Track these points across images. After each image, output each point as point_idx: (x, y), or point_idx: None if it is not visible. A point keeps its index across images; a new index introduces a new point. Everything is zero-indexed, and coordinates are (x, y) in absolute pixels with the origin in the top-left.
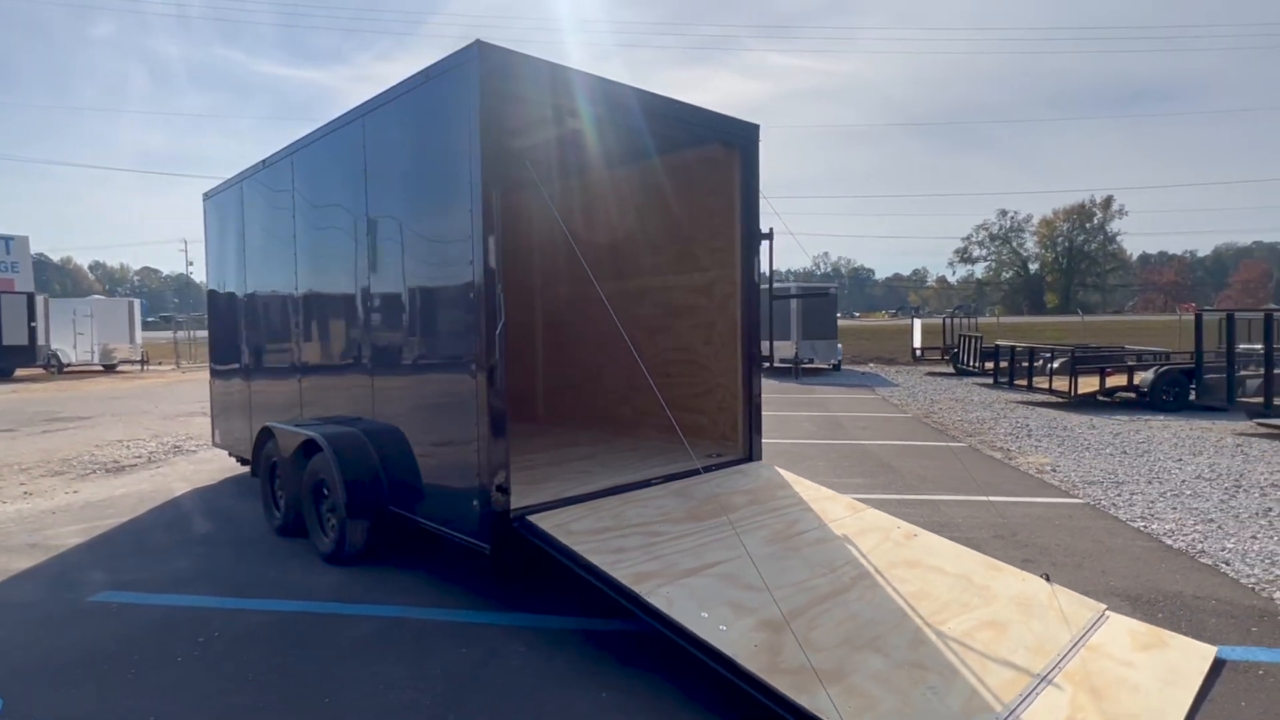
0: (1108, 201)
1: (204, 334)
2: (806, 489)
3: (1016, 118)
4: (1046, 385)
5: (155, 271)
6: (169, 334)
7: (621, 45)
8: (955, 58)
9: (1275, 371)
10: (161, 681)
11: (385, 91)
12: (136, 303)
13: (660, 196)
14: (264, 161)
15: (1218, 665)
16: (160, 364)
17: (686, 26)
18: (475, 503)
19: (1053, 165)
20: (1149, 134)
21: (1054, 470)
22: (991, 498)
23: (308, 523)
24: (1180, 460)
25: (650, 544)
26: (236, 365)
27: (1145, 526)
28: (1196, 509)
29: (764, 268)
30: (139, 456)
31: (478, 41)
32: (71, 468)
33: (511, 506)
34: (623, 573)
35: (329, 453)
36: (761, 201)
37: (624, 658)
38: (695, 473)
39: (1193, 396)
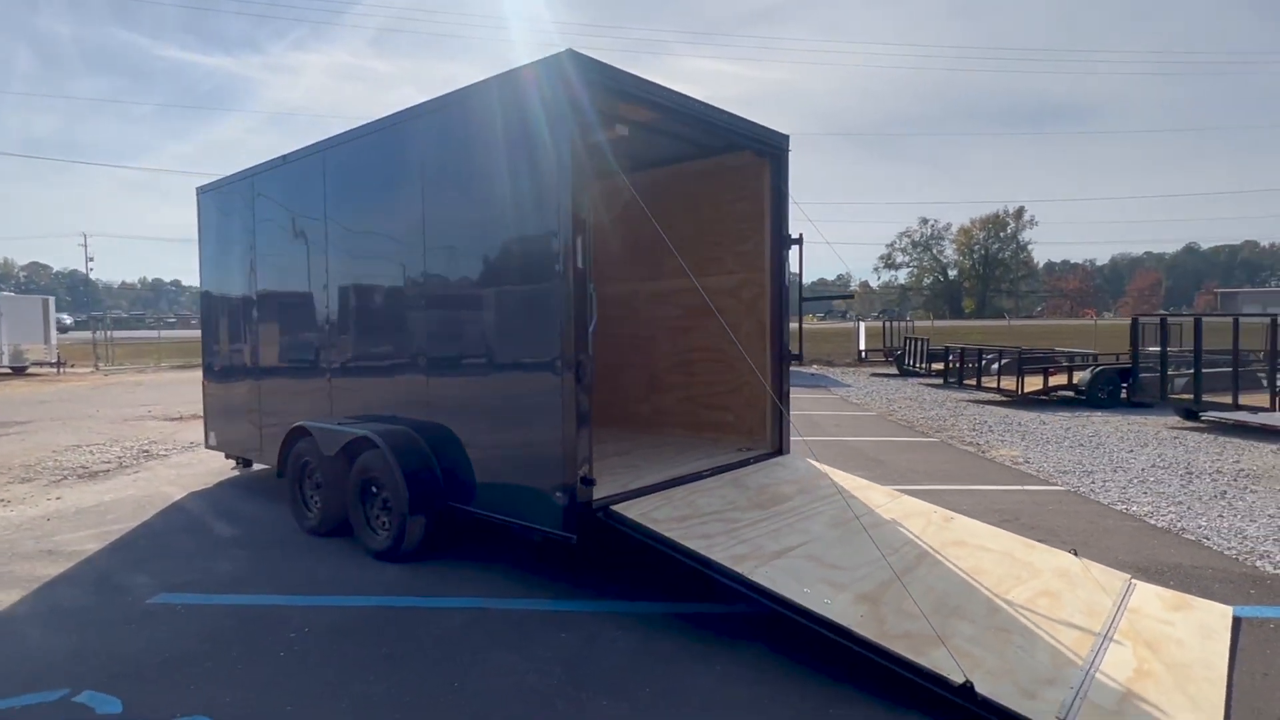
0: (1019, 212)
1: (123, 335)
2: (844, 479)
3: (937, 130)
4: (995, 384)
5: (45, 267)
6: (79, 334)
7: (550, 44)
8: (880, 70)
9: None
10: (277, 674)
11: (456, 91)
12: (50, 300)
13: (690, 200)
14: (284, 158)
15: (1236, 622)
16: (73, 366)
17: (618, 28)
18: (559, 495)
19: (971, 176)
20: (1056, 150)
21: (1027, 462)
22: (984, 486)
23: (353, 521)
24: (1132, 451)
25: (731, 530)
26: (242, 365)
27: (1126, 509)
28: (1163, 493)
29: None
30: (108, 462)
31: (570, 50)
32: (39, 474)
33: (594, 498)
34: (719, 556)
35: (387, 451)
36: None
37: (722, 636)
38: (741, 464)
39: (1124, 395)
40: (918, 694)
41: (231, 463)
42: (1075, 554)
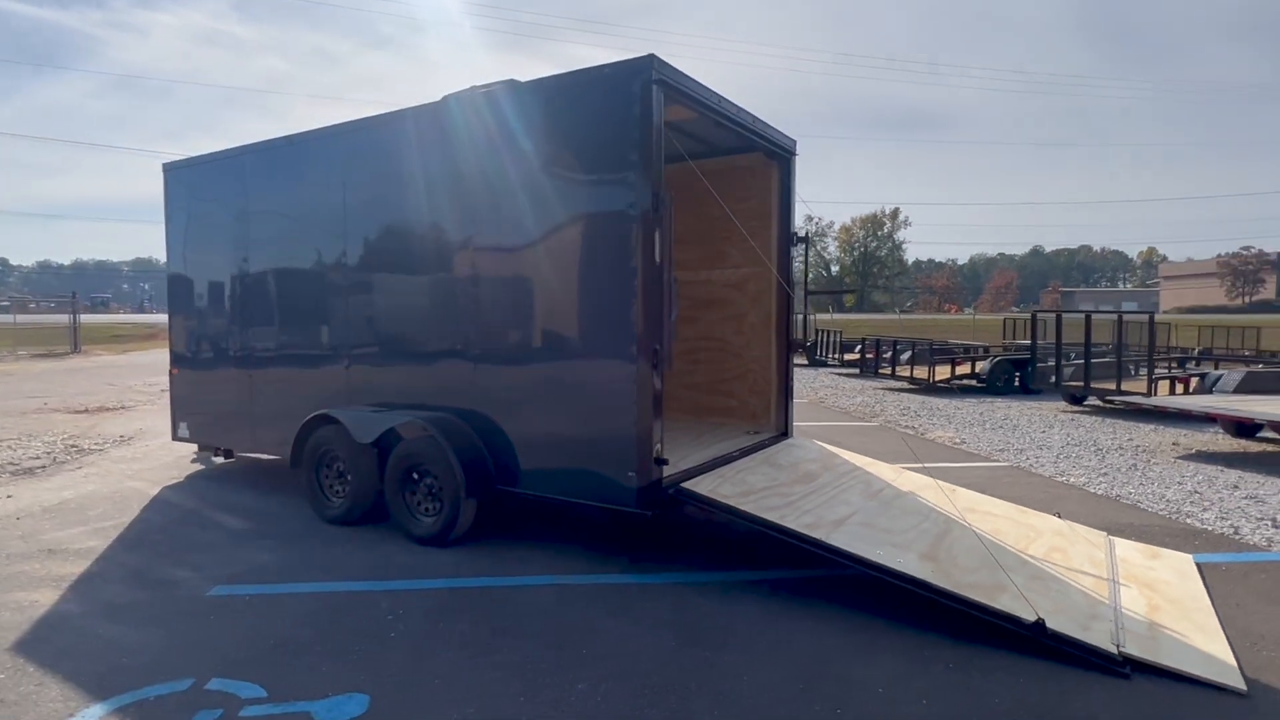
0: (895, 212)
1: None
2: (852, 457)
3: (818, 132)
4: (908, 374)
5: None
6: None
7: (438, 21)
8: (761, 70)
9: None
10: (403, 653)
11: (528, 82)
12: None
13: (699, 196)
14: (289, 139)
15: (1198, 567)
16: None
17: (506, 11)
18: (632, 475)
19: (849, 177)
20: (923, 155)
21: (964, 442)
22: (942, 464)
23: (392, 508)
24: (1044, 432)
25: (790, 503)
26: (230, 353)
27: (1067, 480)
28: (1089, 467)
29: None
30: (36, 458)
31: (653, 55)
32: None
33: (664, 476)
34: (795, 525)
35: (440, 436)
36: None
37: (795, 597)
38: (761, 446)
39: (1016, 383)
40: (993, 632)
41: (191, 455)
42: (1059, 516)
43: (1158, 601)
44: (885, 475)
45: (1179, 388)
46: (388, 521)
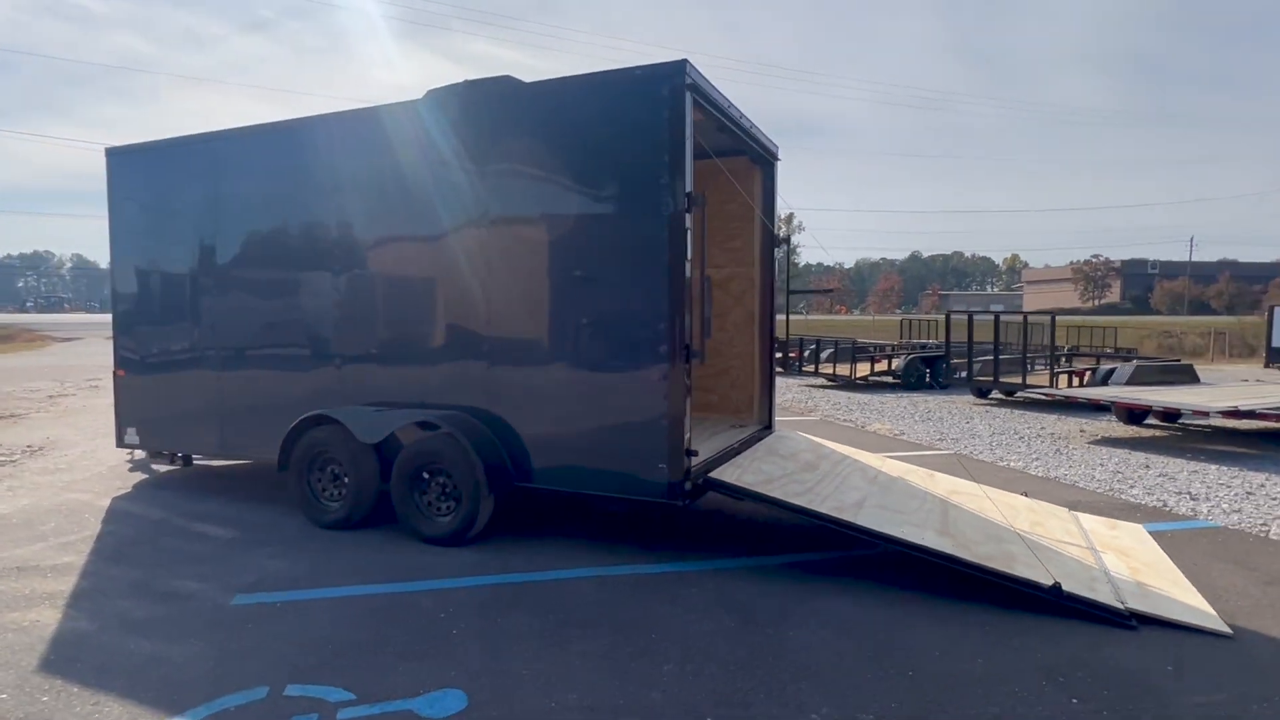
0: (790, 217)
1: None
2: (837, 446)
3: None
4: (831, 371)
5: None
6: None
7: (322, 6)
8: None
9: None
10: (474, 649)
11: (562, 79)
12: None
13: None
14: (274, 125)
15: (1149, 535)
16: None
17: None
18: (662, 465)
19: None
20: (808, 163)
21: (903, 434)
22: (894, 453)
23: (402, 509)
24: (968, 423)
25: (807, 489)
26: (193, 353)
27: (1008, 465)
28: (1020, 452)
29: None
30: None
31: (686, 60)
32: None
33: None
34: (824, 508)
35: (460, 435)
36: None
37: (825, 577)
38: (756, 439)
39: (927, 379)
40: (1011, 596)
41: (125, 463)
42: (1026, 495)
43: (1135, 565)
44: (873, 463)
45: (1075, 381)
46: (385, 524)
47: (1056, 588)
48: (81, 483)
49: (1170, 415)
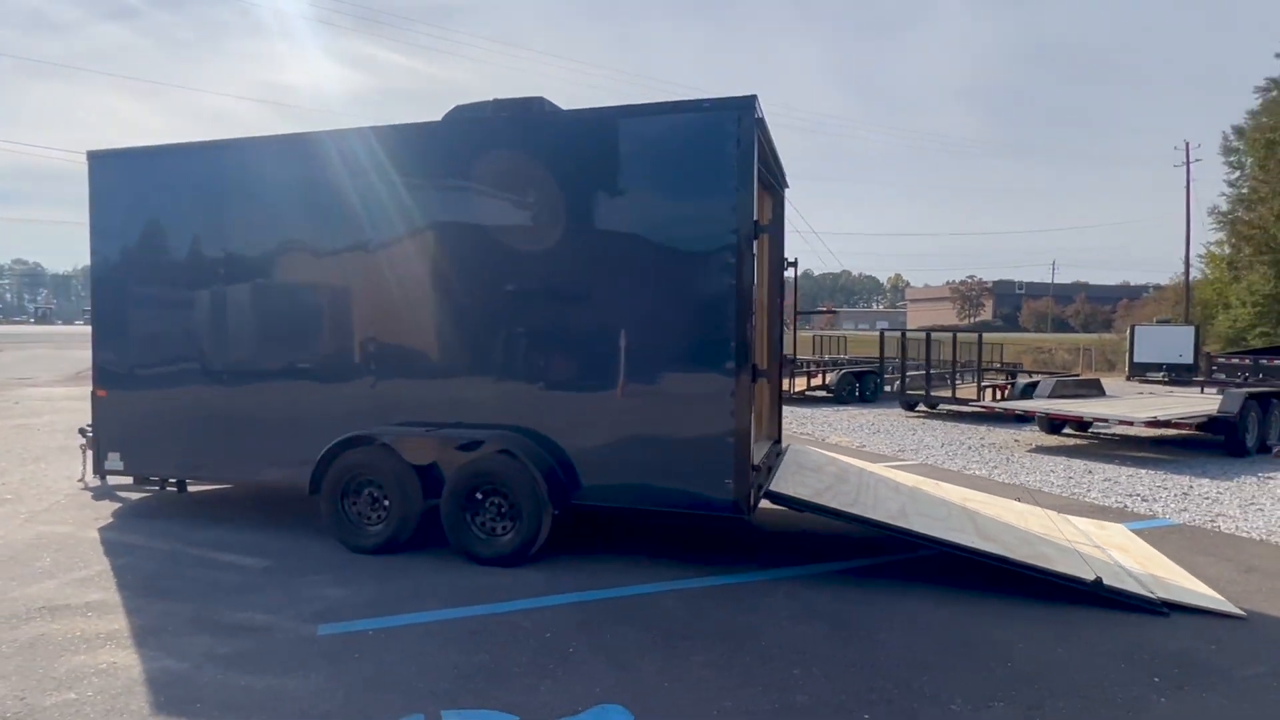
0: None
1: None
2: (848, 458)
3: None
4: None
5: None
6: None
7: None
8: (547, 83)
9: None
10: (605, 664)
11: (627, 106)
12: None
13: None
14: (304, 135)
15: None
16: None
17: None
18: (728, 481)
19: None
20: None
21: (864, 446)
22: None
23: (453, 530)
24: (913, 434)
25: (854, 500)
26: (195, 370)
27: (975, 473)
28: (977, 460)
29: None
30: None
31: (754, 95)
32: None
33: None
34: (880, 517)
35: (524, 454)
36: None
37: (880, 581)
38: (777, 453)
39: (857, 393)
40: (1051, 591)
41: (77, 489)
42: (1020, 500)
43: (1138, 558)
44: (887, 474)
45: (998, 394)
46: (425, 547)
47: (1098, 582)
48: (46, 513)
49: (1083, 424)
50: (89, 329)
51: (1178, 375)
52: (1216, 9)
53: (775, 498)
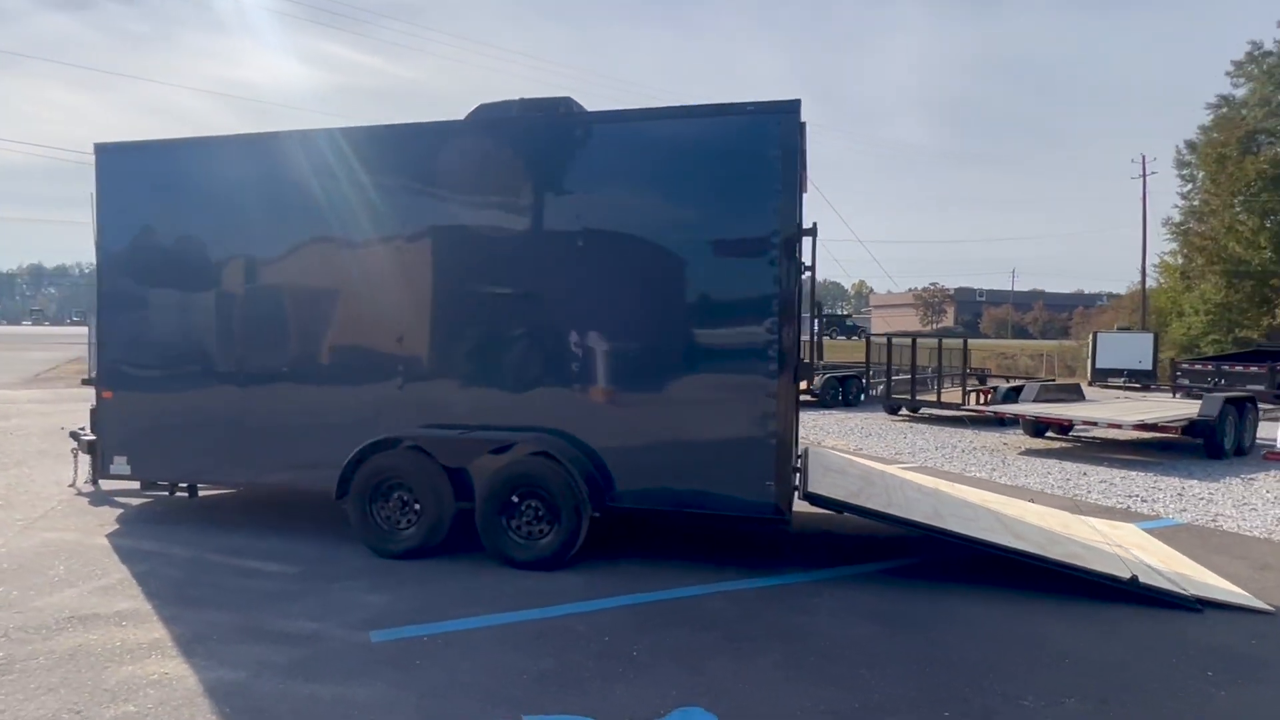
0: None
1: None
2: (863, 458)
3: None
4: None
5: None
6: None
7: None
8: (507, 82)
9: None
10: (677, 667)
11: (689, 106)
12: None
13: None
14: (328, 131)
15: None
16: None
17: None
18: (769, 483)
19: None
20: None
21: (861, 449)
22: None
23: (487, 533)
24: (905, 438)
25: (890, 503)
26: (213, 370)
27: (975, 474)
28: (974, 463)
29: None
30: None
31: (799, 99)
32: None
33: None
34: (918, 517)
35: (563, 458)
36: None
37: (919, 581)
38: (801, 457)
39: (840, 396)
40: (1087, 587)
41: (73, 494)
42: (1032, 500)
43: (1161, 557)
44: (906, 475)
45: (982, 398)
46: (454, 552)
47: (1134, 579)
48: (45, 520)
49: (1064, 428)
50: (66, 329)
51: (1138, 380)
52: (1171, 28)
53: (816, 500)
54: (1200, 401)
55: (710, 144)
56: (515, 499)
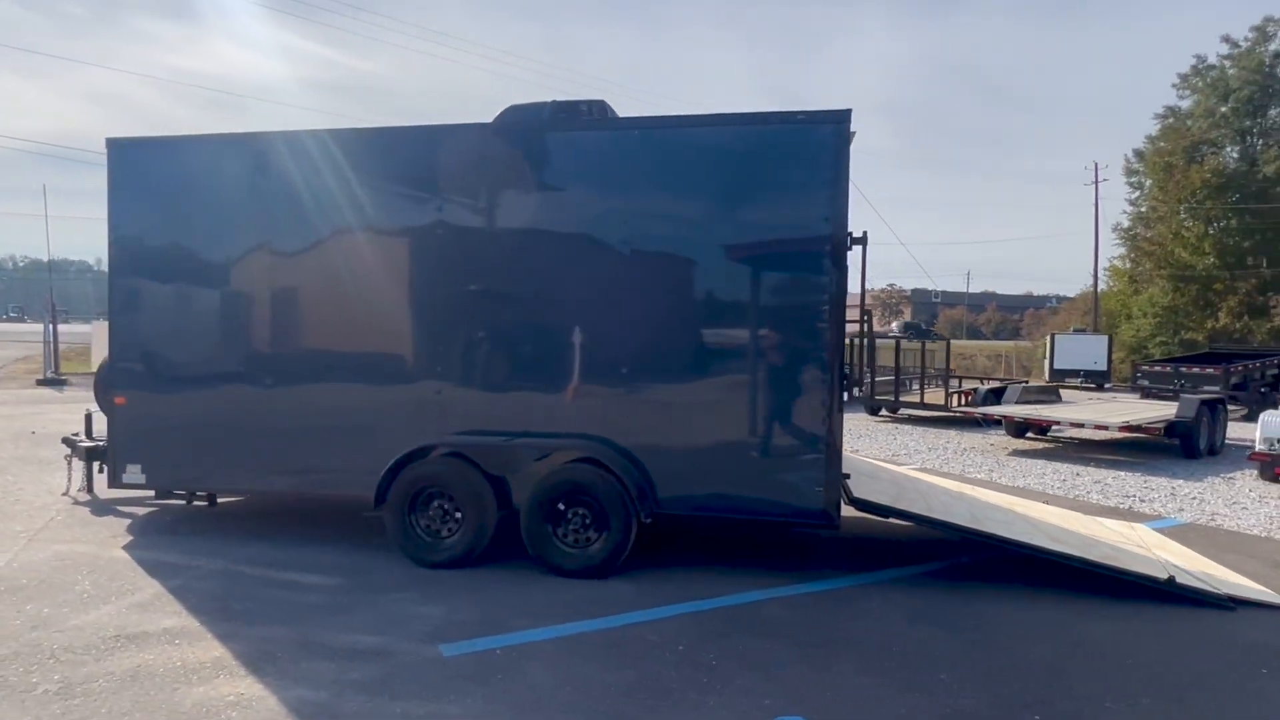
0: None
1: None
2: (887, 464)
3: None
4: None
5: None
6: None
7: None
8: (468, 74)
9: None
10: (755, 674)
11: (745, 113)
12: None
13: None
14: (380, 130)
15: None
16: None
17: None
18: (819, 489)
19: None
20: None
21: (858, 450)
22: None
23: (534, 542)
24: (895, 439)
25: (928, 507)
26: (238, 373)
27: (976, 476)
28: (972, 463)
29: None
30: None
31: (849, 109)
32: None
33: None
34: (961, 521)
35: (612, 464)
36: None
37: (964, 582)
38: None
39: None
40: (1137, 587)
41: (74, 504)
42: (1046, 503)
43: (1182, 558)
44: (925, 478)
45: (963, 399)
46: (493, 561)
47: (1172, 580)
48: (49, 532)
49: (1043, 428)
50: (6, 326)
51: (1093, 381)
52: (1123, 40)
53: (861, 504)
54: (1177, 403)
55: (762, 152)
56: (562, 506)
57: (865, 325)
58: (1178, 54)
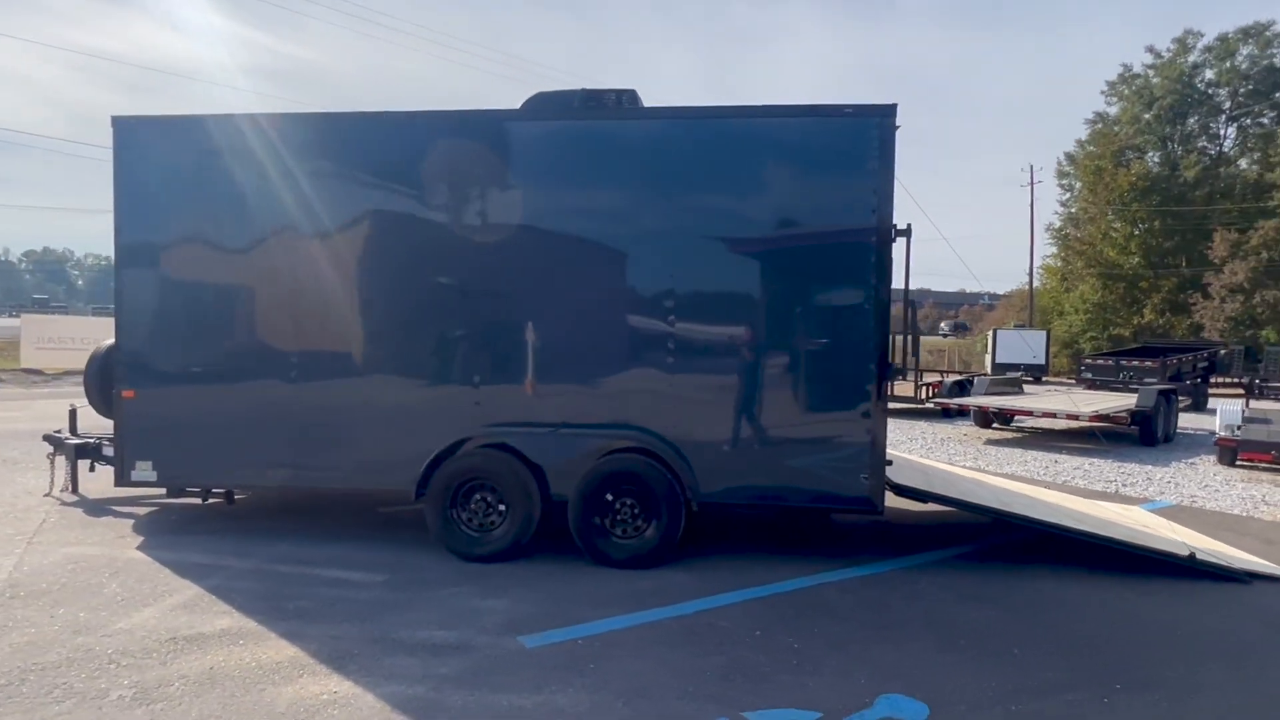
0: None
1: None
2: (908, 455)
3: None
4: None
5: None
6: None
7: None
8: (407, 63)
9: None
10: (847, 658)
11: (798, 105)
12: None
13: None
14: (411, 114)
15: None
16: None
17: None
18: (864, 476)
19: None
20: None
21: None
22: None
23: (585, 534)
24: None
25: (963, 492)
26: (253, 362)
27: (984, 468)
28: (954, 453)
29: None
30: None
31: (895, 104)
32: None
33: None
34: (993, 505)
35: (661, 454)
36: None
37: (995, 564)
38: None
39: None
40: (1159, 564)
41: (63, 504)
42: (1046, 489)
43: (1187, 537)
44: (946, 468)
45: (931, 391)
46: (534, 553)
47: (1192, 556)
48: (47, 534)
49: (1007, 417)
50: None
51: (1032, 374)
52: (1055, 46)
53: (901, 490)
54: (1134, 394)
55: (809, 146)
56: (610, 497)
57: (909, 316)
58: (1108, 61)
